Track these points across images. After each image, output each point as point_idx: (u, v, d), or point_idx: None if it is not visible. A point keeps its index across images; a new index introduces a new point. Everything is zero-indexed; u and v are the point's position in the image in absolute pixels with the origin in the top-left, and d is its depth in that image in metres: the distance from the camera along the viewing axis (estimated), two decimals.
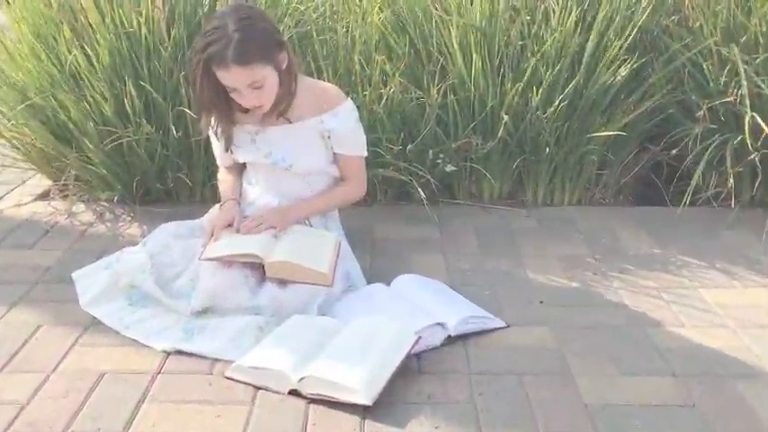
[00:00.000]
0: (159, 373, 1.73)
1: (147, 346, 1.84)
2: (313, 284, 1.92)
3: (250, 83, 1.93)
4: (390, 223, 2.65)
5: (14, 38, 2.71)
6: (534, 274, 2.27)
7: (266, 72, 1.94)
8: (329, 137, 2.12)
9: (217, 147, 2.26)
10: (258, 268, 1.96)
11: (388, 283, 2.08)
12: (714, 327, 1.97)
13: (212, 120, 2.13)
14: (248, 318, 1.86)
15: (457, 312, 1.88)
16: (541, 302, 2.09)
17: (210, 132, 2.20)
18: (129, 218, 2.67)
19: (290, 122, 2.10)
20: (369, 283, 2.13)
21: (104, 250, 2.37)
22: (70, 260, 2.31)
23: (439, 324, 1.82)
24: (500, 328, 1.93)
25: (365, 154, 2.22)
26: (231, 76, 1.93)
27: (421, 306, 1.90)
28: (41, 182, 2.96)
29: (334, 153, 2.17)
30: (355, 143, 2.17)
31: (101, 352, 1.81)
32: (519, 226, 2.65)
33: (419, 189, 2.63)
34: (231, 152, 2.20)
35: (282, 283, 1.93)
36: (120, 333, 1.89)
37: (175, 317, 1.92)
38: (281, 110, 2.05)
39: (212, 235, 2.04)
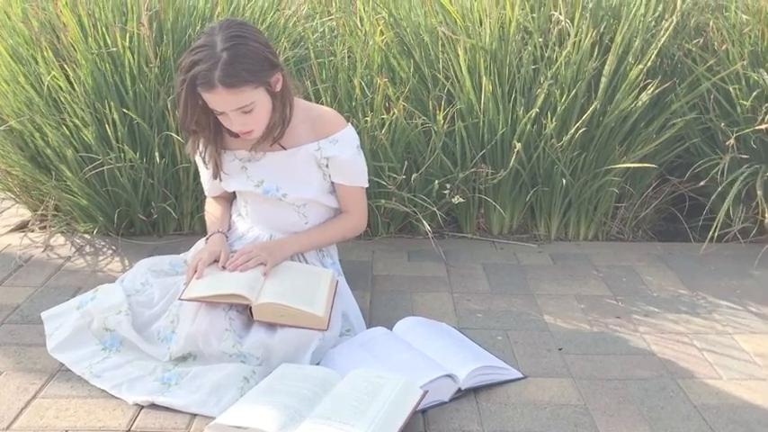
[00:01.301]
0: (129, 431, 1.52)
1: (118, 399, 1.62)
2: (306, 329, 1.72)
3: (239, 107, 1.75)
4: (392, 258, 2.45)
5: None
6: (551, 316, 2.07)
7: (257, 95, 1.76)
8: (327, 165, 1.94)
9: (204, 174, 2.07)
10: (245, 310, 1.76)
11: (391, 327, 1.88)
12: (755, 380, 1.76)
13: (199, 144, 1.95)
14: (232, 366, 1.65)
15: (468, 362, 1.67)
16: (561, 349, 1.88)
17: (197, 158, 2.01)
18: (111, 251, 2.47)
19: (285, 149, 1.92)
20: (368, 326, 1.92)
21: (80, 287, 2.18)
22: (42, 298, 2.11)
23: (448, 376, 1.61)
24: (516, 380, 1.72)
25: (366, 184, 2.03)
26: (218, 99, 1.75)
27: (427, 355, 1.69)
28: (19, 212, 2.77)
29: (333, 183, 1.98)
30: (355, 172, 1.98)
31: (64, 406, 1.60)
32: (531, 262, 2.45)
33: (424, 222, 2.44)
34: (220, 180, 2.01)
35: (272, 327, 1.72)
36: (90, 383, 1.68)
37: (152, 364, 1.72)
38: (274, 136, 1.87)
39: (195, 272, 1.83)
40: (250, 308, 1.73)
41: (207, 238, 2.01)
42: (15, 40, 2.39)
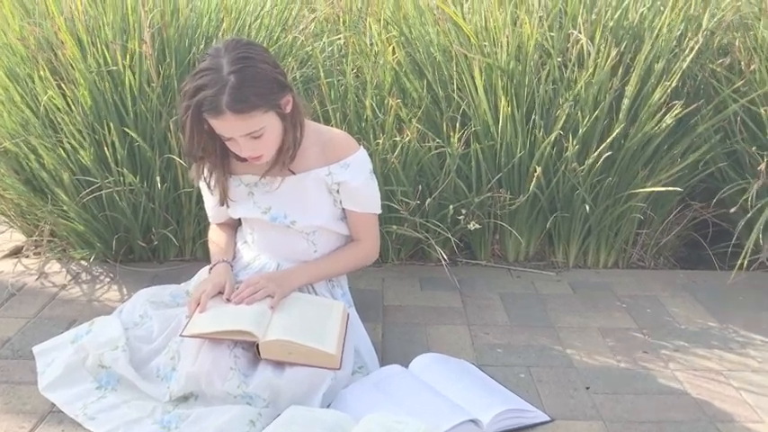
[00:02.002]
0: None
1: None
2: (316, 368, 1.59)
3: (248, 132, 1.64)
4: (404, 287, 2.33)
5: None
6: (575, 351, 1.95)
7: (267, 120, 1.65)
8: (338, 190, 1.83)
9: (209, 200, 1.96)
10: (251, 347, 1.64)
11: (405, 363, 1.75)
12: None
13: (204, 169, 1.84)
14: (237, 409, 1.52)
15: (492, 405, 1.54)
16: (588, 388, 1.76)
17: (202, 184, 1.90)
18: (109, 279, 2.35)
19: (294, 173, 1.81)
20: (381, 362, 1.80)
21: (76, 319, 2.06)
22: (34, 330, 1.99)
23: (471, 421, 1.48)
24: (543, 424, 1.59)
25: (379, 211, 1.91)
26: (226, 126, 1.64)
27: (448, 397, 1.57)
28: (14, 237, 2.65)
29: (344, 209, 1.87)
30: (368, 198, 1.87)
31: None
32: (550, 292, 2.33)
33: (437, 248, 2.32)
34: (227, 206, 1.90)
35: (280, 365, 1.60)
36: (83, 426, 1.55)
37: (151, 405, 1.60)
38: (285, 160, 1.76)
39: (198, 305, 1.71)
40: (257, 345, 1.61)
41: (210, 268, 1.90)
42: (11, 58, 2.28)
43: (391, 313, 2.15)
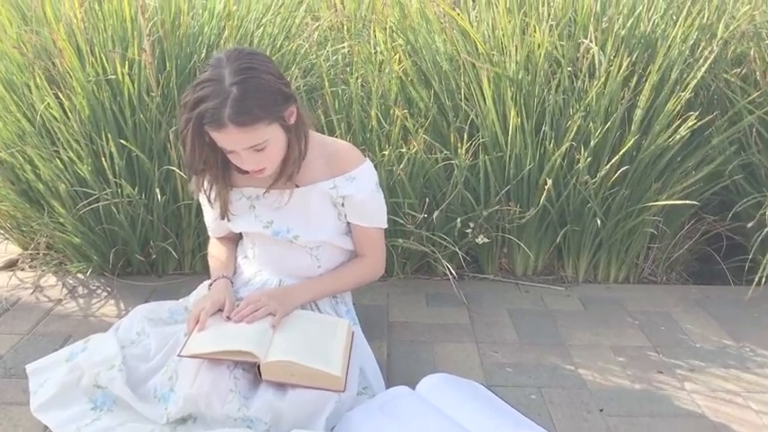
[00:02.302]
0: None
1: None
2: (320, 389, 1.53)
3: (251, 145, 1.58)
4: (410, 303, 2.27)
5: None
6: (587, 370, 1.88)
7: (270, 132, 1.59)
8: (343, 204, 1.76)
9: (209, 213, 1.89)
10: (252, 368, 1.57)
11: (412, 384, 1.68)
12: None
13: (204, 182, 1.77)
14: None
15: (504, 428, 1.47)
16: (602, 410, 1.69)
17: (202, 197, 1.83)
18: (106, 293, 2.29)
19: (297, 186, 1.74)
20: (387, 382, 1.74)
21: (71, 335, 2.00)
22: (28, 347, 1.93)
23: None
24: None
25: (385, 225, 1.85)
26: (228, 139, 1.57)
27: (457, 420, 1.50)
28: (9, 249, 2.59)
29: (349, 223, 1.81)
30: (374, 212, 1.80)
31: None
32: (560, 307, 2.26)
33: (444, 262, 2.25)
34: (228, 220, 1.83)
35: (281, 387, 1.53)
36: None
37: (148, 428, 1.53)
38: (289, 173, 1.69)
39: (197, 322, 1.64)
40: (258, 366, 1.55)
41: (210, 284, 1.83)
42: (8, 67, 2.23)
43: (397, 330, 2.08)
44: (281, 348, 1.55)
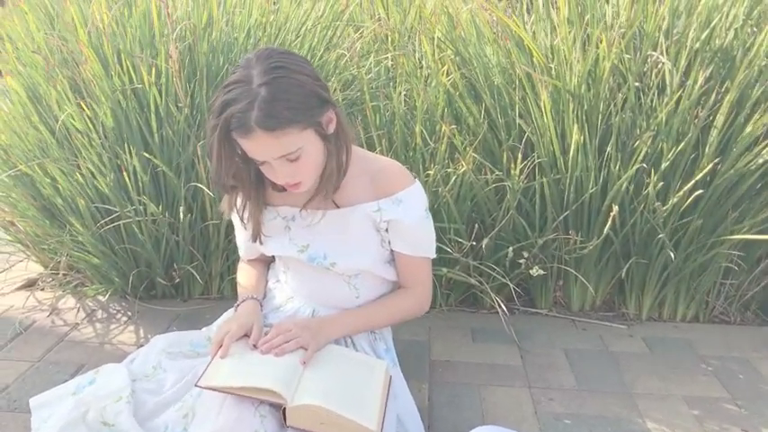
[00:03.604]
0: None
1: None
2: None
3: (283, 154, 1.38)
4: (453, 338, 2.05)
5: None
6: (658, 425, 1.64)
7: (304, 139, 1.39)
8: (387, 229, 1.56)
9: (240, 233, 1.70)
10: (278, 409, 1.37)
11: None
12: None
13: (237, 201, 1.59)
14: None
15: None
16: None
17: (234, 216, 1.65)
18: (126, 318, 2.13)
19: (338, 207, 1.55)
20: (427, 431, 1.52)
21: (84, 364, 1.84)
22: (36, 377, 1.77)
23: None
24: None
25: (433, 255, 1.63)
26: (257, 146, 1.38)
27: None
28: (30, 267, 2.45)
29: (392, 251, 1.61)
30: (421, 240, 1.59)
31: None
32: (622, 349, 2.03)
33: (492, 295, 2.04)
34: (260, 243, 1.65)
35: None
36: None
37: None
38: (328, 189, 1.50)
39: (220, 347, 1.45)
40: (283, 408, 1.35)
41: (237, 306, 1.64)
42: (31, 74, 2.10)
43: (439, 370, 1.87)
44: (311, 390, 1.35)
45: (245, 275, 1.73)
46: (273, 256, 1.73)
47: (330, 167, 1.46)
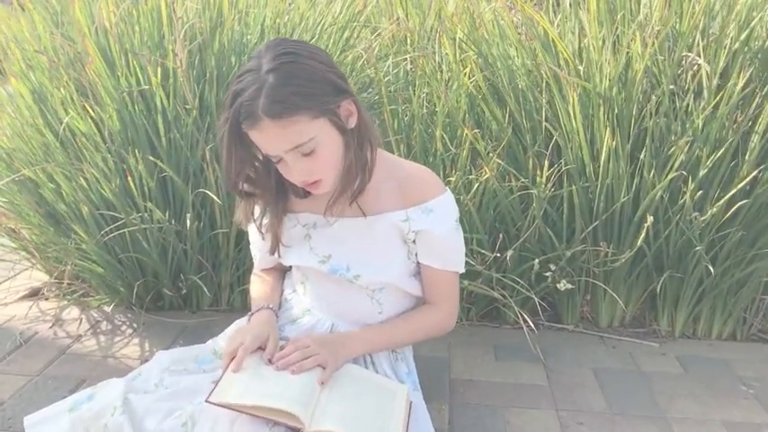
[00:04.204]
0: None
1: None
2: None
3: (294, 146, 1.26)
4: (475, 356, 1.94)
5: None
6: None
7: (317, 129, 1.27)
8: (414, 240, 1.45)
9: (256, 242, 1.59)
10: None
11: None
12: None
13: (254, 210, 1.48)
14: None
15: None
16: None
17: (251, 226, 1.54)
18: (131, 330, 2.03)
19: (364, 215, 1.44)
20: None
21: (84, 380, 1.75)
22: (33, 393, 1.68)
23: None
24: None
25: (462, 269, 1.51)
26: (266, 138, 1.27)
27: None
28: (35, 276, 2.37)
29: (419, 263, 1.49)
30: (450, 253, 1.47)
31: None
32: (655, 369, 1.90)
33: (516, 309, 1.92)
34: (278, 256, 1.54)
35: None
36: None
37: None
38: (352, 189, 1.37)
39: (232, 359, 1.34)
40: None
41: (250, 316, 1.52)
42: (39, 77, 2.01)
43: (460, 390, 1.76)
44: (331, 415, 1.24)
45: (258, 285, 1.62)
46: (290, 266, 1.62)
47: (350, 163, 1.33)
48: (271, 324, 1.45)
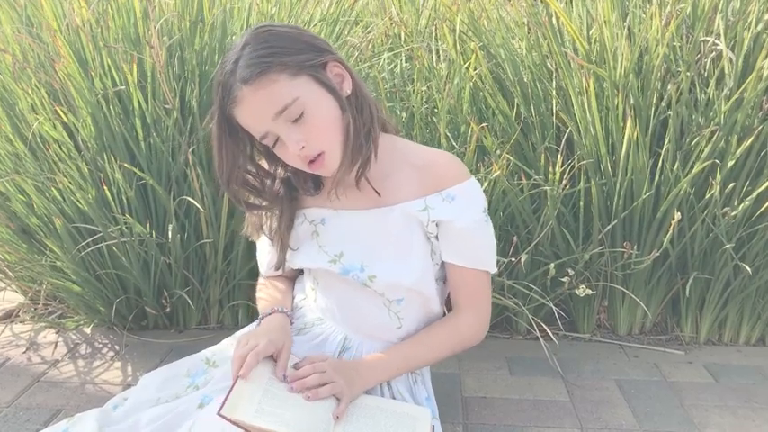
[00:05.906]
0: None
1: None
2: None
3: (278, 109, 1.13)
4: (487, 370, 1.78)
5: None
6: None
7: (300, 88, 1.13)
8: (437, 236, 1.29)
9: (264, 248, 1.44)
10: None
11: None
12: None
13: (263, 221, 1.34)
14: None
15: None
16: None
17: (262, 238, 1.40)
18: (112, 353, 1.87)
19: (379, 195, 1.27)
20: None
21: (61, 409, 1.59)
22: (2, 427, 1.52)
23: None
24: None
25: (494, 269, 1.33)
26: (250, 112, 1.15)
27: None
28: (8, 296, 2.20)
29: (443, 262, 1.32)
30: (479, 248, 1.30)
31: None
32: (683, 379, 1.75)
33: (530, 317, 1.78)
34: (283, 270, 1.40)
35: None
36: None
37: None
38: (360, 162, 1.21)
39: (242, 364, 1.17)
40: None
41: (261, 319, 1.36)
42: (5, 79, 1.85)
43: (474, 409, 1.60)
44: None
45: (269, 290, 1.46)
46: (300, 270, 1.47)
47: (350, 127, 1.18)
48: (286, 331, 1.29)
